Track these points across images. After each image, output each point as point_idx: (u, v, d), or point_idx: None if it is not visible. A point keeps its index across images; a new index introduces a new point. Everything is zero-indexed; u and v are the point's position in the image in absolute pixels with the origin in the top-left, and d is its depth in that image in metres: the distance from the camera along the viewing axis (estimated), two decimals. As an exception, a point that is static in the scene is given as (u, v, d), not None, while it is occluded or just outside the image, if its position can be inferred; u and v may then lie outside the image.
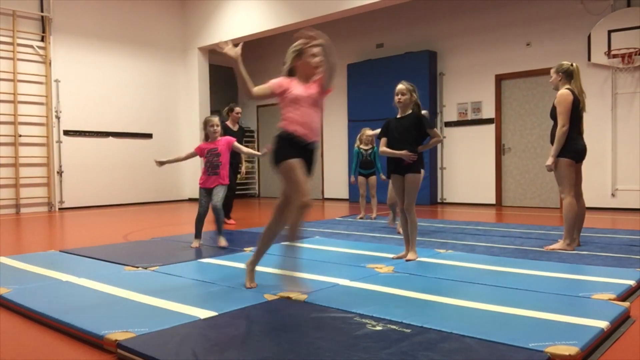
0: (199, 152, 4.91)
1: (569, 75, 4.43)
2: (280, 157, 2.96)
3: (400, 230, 4.97)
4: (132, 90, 10.75)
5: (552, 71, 4.54)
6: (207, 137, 4.93)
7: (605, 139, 7.96)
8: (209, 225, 5.52)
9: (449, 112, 9.59)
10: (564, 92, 4.36)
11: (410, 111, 4.10)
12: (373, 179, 7.11)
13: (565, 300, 2.81)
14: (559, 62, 4.55)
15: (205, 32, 11.18)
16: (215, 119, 4.94)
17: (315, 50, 3.03)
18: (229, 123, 6.99)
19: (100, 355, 2.25)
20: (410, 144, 4.02)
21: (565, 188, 4.40)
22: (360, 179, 7.15)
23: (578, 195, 4.53)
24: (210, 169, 4.86)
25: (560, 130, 4.28)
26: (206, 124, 4.92)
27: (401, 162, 4.03)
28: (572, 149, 4.35)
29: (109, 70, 10.36)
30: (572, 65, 4.45)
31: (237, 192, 12.76)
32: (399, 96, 4.09)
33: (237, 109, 7.12)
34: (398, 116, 4.18)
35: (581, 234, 4.77)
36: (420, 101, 4.18)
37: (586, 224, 6.17)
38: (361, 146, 7.04)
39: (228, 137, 4.98)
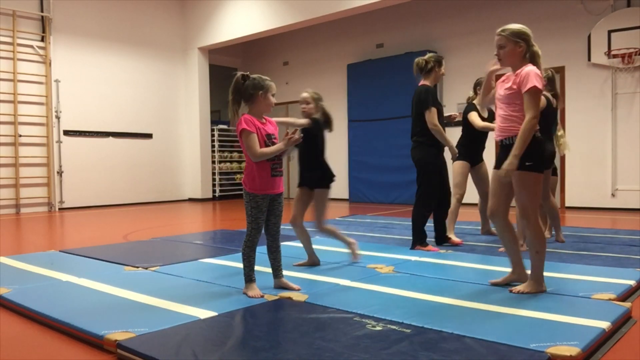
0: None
1: (552, 82, 4.49)
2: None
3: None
4: (132, 90, 10.74)
5: None
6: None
7: (605, 139, 7.96)
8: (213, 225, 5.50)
9: (449, 112, 9.56)
10: None
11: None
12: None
13: (566, 300, 2.81)
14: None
15: (205, 32, 11.18)
16: None
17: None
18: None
19: (100, 355, 2.25)
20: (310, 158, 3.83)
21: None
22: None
23: (547, 196, 4.58)
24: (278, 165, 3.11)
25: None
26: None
27: (310, 175, 3.80)
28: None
29: (109, 70, 10.35)
30: (551, 72, 4.51)
31: (236, 193, 12.85)
32: (303, 105, 3.76)
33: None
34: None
35: (581, 234, 4.83)
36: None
37: (586, 224, 6.19)
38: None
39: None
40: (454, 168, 4.93)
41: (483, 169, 4.99)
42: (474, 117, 4.83)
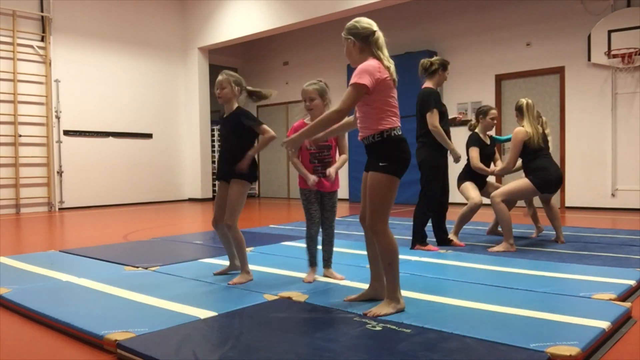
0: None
1: (520, 111, 4.58)
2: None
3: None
4: (132, 90, 10.74)
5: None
6: None
7: (605, 139, 7.96)
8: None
9: (449, 112, 9.51)
10: (517, 129, 4.57)
11: (236, 106, 3.42)
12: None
13: (566, 300, 2.80)
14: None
15: (205, 32, 11.18)
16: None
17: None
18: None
19: (100, 355, 2.25)
20: (230, 151, 3.38)
21: (504, 194, 4.47)
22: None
23: (547, 198, 4.70)
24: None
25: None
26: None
27: (228, 168, 3.38)
28: (541, 177, 4.44)
29: (109, 70, 10.35)
30: (525, 101, 4.57)
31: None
32: (218, 90, 3.43)
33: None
34: (225, 115, 3.49)
35: (581, 234, 4.90)
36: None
37: (586, 224, 6.19)
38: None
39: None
40: (462, 188, 4.94)
41: (491, 187, 5.03)
42: (473, 154, 4.97)
